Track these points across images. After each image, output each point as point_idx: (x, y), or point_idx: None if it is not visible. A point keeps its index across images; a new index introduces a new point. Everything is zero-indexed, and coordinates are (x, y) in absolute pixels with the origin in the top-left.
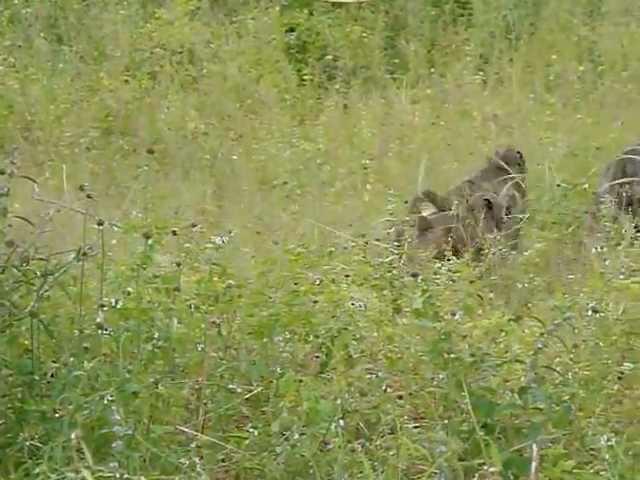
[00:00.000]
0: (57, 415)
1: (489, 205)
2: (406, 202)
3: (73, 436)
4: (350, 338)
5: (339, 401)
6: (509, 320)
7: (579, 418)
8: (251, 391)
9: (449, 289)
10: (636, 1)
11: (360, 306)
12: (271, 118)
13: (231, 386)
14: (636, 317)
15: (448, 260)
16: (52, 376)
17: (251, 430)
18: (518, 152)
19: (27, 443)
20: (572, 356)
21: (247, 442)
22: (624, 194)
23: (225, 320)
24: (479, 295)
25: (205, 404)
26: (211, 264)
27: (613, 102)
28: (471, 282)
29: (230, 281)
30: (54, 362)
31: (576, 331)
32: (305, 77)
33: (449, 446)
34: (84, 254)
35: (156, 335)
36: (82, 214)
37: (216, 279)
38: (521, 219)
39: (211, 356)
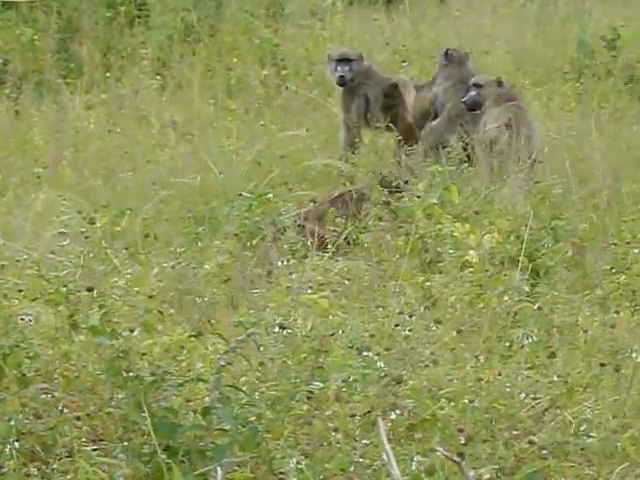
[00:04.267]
0: None
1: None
2: (79, 212)
3: None
4: (23, 356)
5: (13, 422)
6: (190, 336)
7: (267, 440)
8: None
9: (127, 304)
10: (321, 2)
11: (30, 321)
12: None
13: None
14: (325, 333)
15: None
16: None
17: None
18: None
19: None
20: (259, 375)
21: None
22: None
23: None
24: (159, 310)
25: None
26: None
27: (298, 108)
28: (150, 297)
29: None
30: None
31: (262, 348)
32: None
33: (128, 470)
34: None
35: None
36: None
37: None
38: None
39: None
